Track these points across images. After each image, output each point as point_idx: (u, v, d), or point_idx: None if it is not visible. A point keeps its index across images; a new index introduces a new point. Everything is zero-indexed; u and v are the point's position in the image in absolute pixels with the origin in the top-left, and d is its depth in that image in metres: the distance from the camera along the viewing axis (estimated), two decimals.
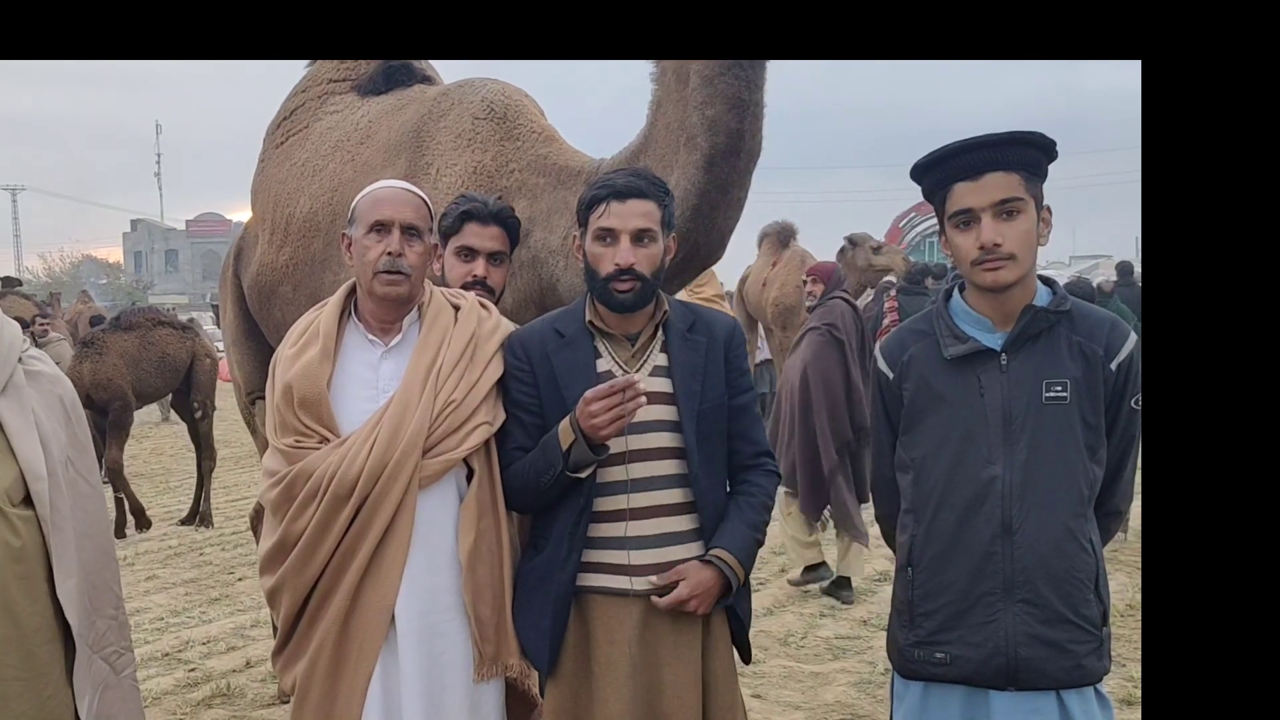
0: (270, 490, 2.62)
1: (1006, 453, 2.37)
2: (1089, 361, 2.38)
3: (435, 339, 2.64)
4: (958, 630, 2.39)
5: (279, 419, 2.64)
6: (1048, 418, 2.36)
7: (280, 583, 2.60)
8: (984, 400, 2.39)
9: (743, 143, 3.36)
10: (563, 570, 2.58)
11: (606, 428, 2.45)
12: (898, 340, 2.58)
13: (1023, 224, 2.35)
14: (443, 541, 2.59)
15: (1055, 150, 2.40)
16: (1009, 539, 2.35)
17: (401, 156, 4.10)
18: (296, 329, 2.74)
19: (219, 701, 5.21)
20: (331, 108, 4.76)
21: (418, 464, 2.53)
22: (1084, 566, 2.37)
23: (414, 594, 2.55)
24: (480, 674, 2.60)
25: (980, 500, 2.37)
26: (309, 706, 2.56)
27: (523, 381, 2.66)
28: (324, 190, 4.41)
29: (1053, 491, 2.35)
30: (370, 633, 2.53)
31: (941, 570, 2.42)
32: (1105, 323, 2.44)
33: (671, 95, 3.49)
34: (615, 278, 2.57)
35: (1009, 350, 2.40)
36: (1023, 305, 2.40)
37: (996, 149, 2.37)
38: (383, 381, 2.64)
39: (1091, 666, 2.37)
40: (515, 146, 3.90)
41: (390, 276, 2.61)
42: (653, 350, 2.66)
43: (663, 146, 3.52)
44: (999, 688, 2.37)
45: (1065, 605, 2.34)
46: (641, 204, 2.59)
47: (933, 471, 2.45)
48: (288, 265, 4.54)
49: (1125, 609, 6.27)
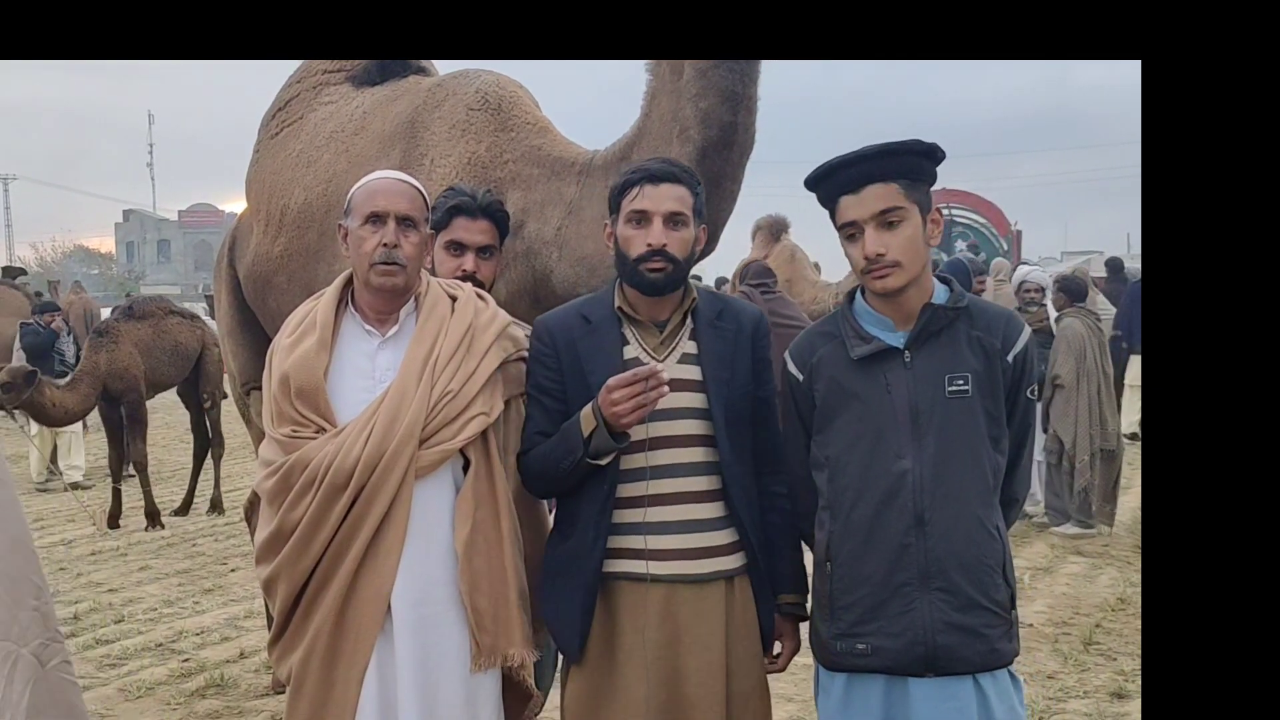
0: (266, 480, 2.62)
1: (915, 447, 2.43)
2: (988, 355, 2.46)
3: (432, 329, 2.64)
4: (877, 621, 2.45)
5: (276, 408, 2.64)
6: (952, 411, 2.44)
7: (276, 572, 2.60)
8: (891, 397, 2.46)
9: (736, 135, 3.37)
10: (589, 557, 2.59)
11: (628, 416, 2.45)
12: (806, 343, 2.64)
13: (905, 231, 2.43)
14: (439, 532, 2.59)
15: (938, 153, 2.47)
16: (922, 530, 2.41)
17: (396, 147, 4.10)
18: (294, 319, 2.74)
19: (212, 692, 5.22)
20: (326, 99, 4.76)
21: (414, 454, 2.53)
22: (993, 553, 2.44)
23: (410, 584, 2.55)
24: (477, 664, 2.60)
25: (893, 494, 2.43)
26: (304, 695, 2.56)
27: (547, 366, 2.67)
28: (318, 181, 4.41)
29: (962, 482, 2.42)
30: (366, 622, 2.53)
31: (859, 563, 2.47)
32: (1001, 318, 2.53)
33: (666, 87, 3.50)
34: (647, 258, 2.57)
35: (911, 348, 2.47)
36: (920, 304, 2.47)
37: (873, 162, 2.44)
38: (379, 372, 2.64)
39: (1004, 649, 2.45)
40: (510, 137, 3.91)
41: (386, 268, 2.61)
42: (681, 337, 2.66)
43: (656, 138, 3.53)
44: (918, 674, 2.43)
45: (978, 591, 2.41)
46: (675, 188, 2.60)
47: (847, 468, 2.50)
48: (282, 256, 4.54)
49: (1116, 603, 6.29)
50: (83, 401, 8.93)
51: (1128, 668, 5.26)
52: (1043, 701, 4.83)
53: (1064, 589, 6.67)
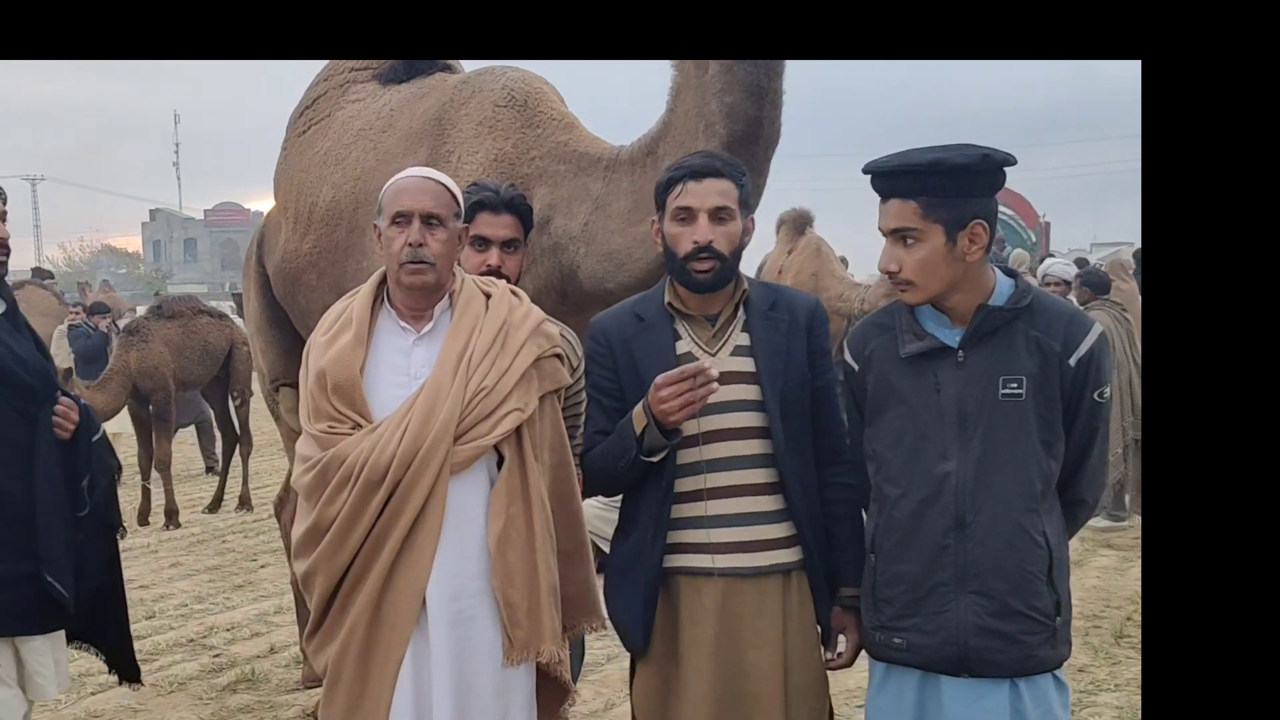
0: (303, 475, 2.64)
1: (960, 449, 2.39)
2: (1046, 357, 2.39)
3: (466, 326, 2.65)
4: (913, 618, 2.44)
5: (312, 405, 2.66)
6: (1002, 414, 2.38)
7: (314, 566, 2.62)
8: (940, 397, 2.42)
9: (761, 130, 3.37)
10: (650, 554, 2.61)
11: (677, 413, 2.45)
12: (861, 333, 2.61)
13: (919, 252, 2.36)
14: (473, 527, 2.60)
15: (973, 167, 2.34)
16: (962, 533, 2.38)
17: (423, 144, 4.11)
18: (330, 316, 2.76)
19: (243, 687, 5.26)
20: (353, 96, 4.78)
21: (449, 450, 2.54)
22: (1036, 560, 2.39)
23: (444, 579, 2.57)
24: (510, 659, 2.61)
25: (935, 495, 2.41)
26: (341, 689, 2.58)
27: (603, 366, 2.70)
28: (346, 179, 4.43)
29: (1005, 487, 2.38)
30: (402, 617, 2.55)
31: (898, 560, 2.46)
32: (1063, 318, 2.44)
33: (691, 82, 3.49)
34: (694, 256, 2.57)
35: (966, 347, 2.41)
36: (974, 306, 2.42)
37: (890, 178, 2.39)
38: (415, 368, 2.65)
39: (1044, 655, 2.41)
40: (536, 134, 3.91)
41: (414, 266, 2.62)
42: (733, 330, 2.66)
43: (682, 133, 3.53)
44: (952, 674, 2.41)
45: (1016, 598, 2.37)
46: (718, 183, 2.60)
47: (891, 465, 2.48)
48: (311, 253, 4.56)
49: None
50: (113, 400, 9.01)
51: None
52: (1074, 694, 4.78)
53: (1094, 582, 6.64)
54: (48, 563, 3.06)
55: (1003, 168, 2.41)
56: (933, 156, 2.34)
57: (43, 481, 3.08)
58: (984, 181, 2.38)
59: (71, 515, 3.15)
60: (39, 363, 3.15)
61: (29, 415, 3.10)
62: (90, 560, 3.25)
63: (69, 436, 3.15)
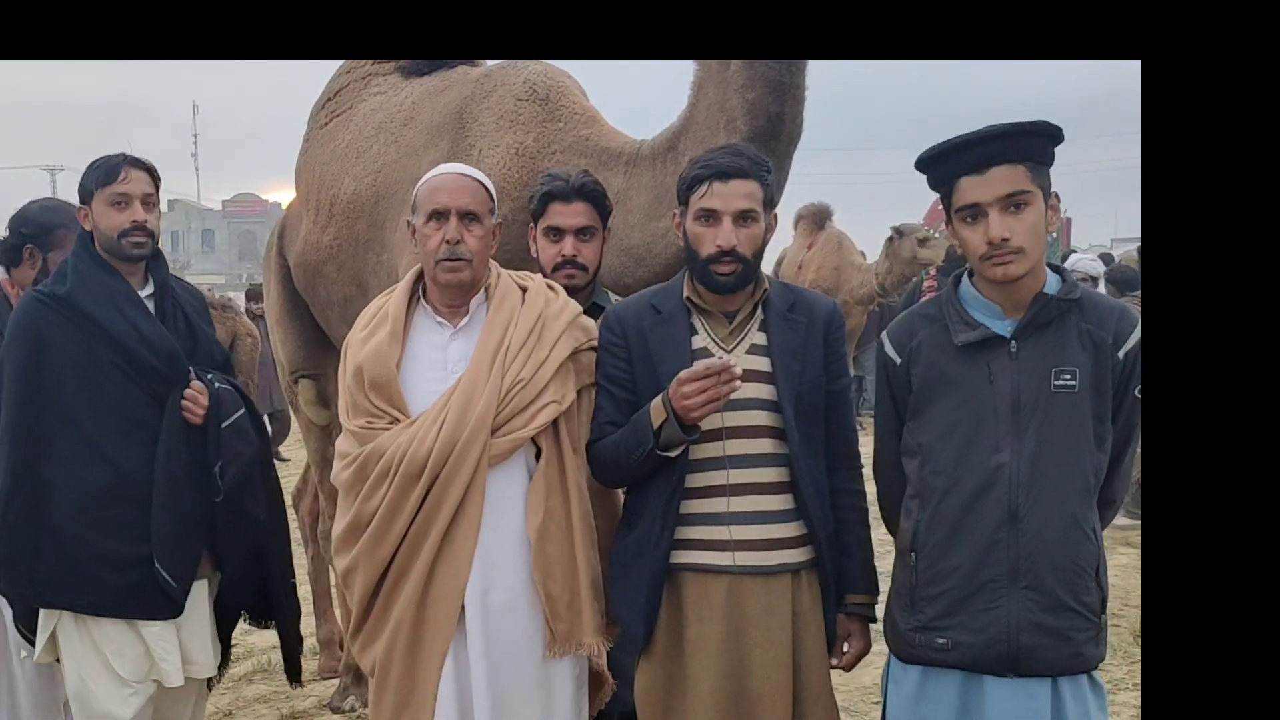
0: (343, 471, 2.66)
1: (1015, 440, 2.37)
2: (1098, 349, 2.38)
3: (503, 320, 2.66)
4: (960, 616, 2.41)
5: (350, 400, 2.68)
6: (1057, 406, 2.37)
7: (354, 562, 2.63)
8: (993, 387, 2.40)
9: (783, 126, 3.36)
10: (656, 547, 2.59)
11: (699, 410, 2.44)
12: (906, 325, 2.58)
13: (1030, 216, 2.35)
14: (512, 520, 2.61)
15: (1061, 135, 2.38)
16: (1015, 527, 2.36)
17: (444, 138, 4.11)
18: (367, 313, 2.78)
19: (260, 677, 5.29)
20: (375, 89, 4.78)
21: (486, 443, 2.56)
22: (1087, 555, 2.38)
23: (484, 572, 2.58)
24: (552, 651, 2.62)
25: (987, 487, 2.38)
26: (390, 686, 2.59)
27: (617, 356, 2.68)
28: (367, 172, 4.44)
29: (1060, 480, 2.36)
30: (445, 611, 2.56)
31: (945, 556, 2.43)
32: (1114, 311, 2.44)
33: (713, 77, 3.48)
34: (717, 259, 2.56)
35: (1019, 338, 2.40)
36: (1033, 293, 2.40)
37: (1001, 141, 2.36)
38: (451, 363, 2.67)
39: (1089, 653, 2.40)
40: (557, 128, 3.91)
41: (451, 264, 2.64)
42: (751, 328, 2.65)
43: (703, 128, 3.52)
44: (998, 674, 2.38)
45: (1068, 593, 2.36)
46: (744, 184, 2.58)
47: (940, 457, 2.45)
48: (332, 245, 4.57)
49: None
50: None
51: None
52: None
53: (1114, 580, 6.47)
54: (158, 549, 3.06)
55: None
56: (1036, 120, 2.36)
57: (163, 466, 3.08)
58: (1054, 154, 2.41)
59: (195, 502, 3.14)
60: (167, 344, 3.12)
61: (159, 397, 3.11)
62: (232, 548, 3.24)
63: (199, 421, 3.12)
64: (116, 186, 3.12)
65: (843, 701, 4.60)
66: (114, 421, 3.08)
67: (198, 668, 3.22)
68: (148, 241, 3.16)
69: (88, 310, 3.08)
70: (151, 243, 3.19)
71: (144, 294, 3.21)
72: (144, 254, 3.17)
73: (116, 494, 3.06)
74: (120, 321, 3.08)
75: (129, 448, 3.07)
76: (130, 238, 3.12)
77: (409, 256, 4.01)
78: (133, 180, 3.14)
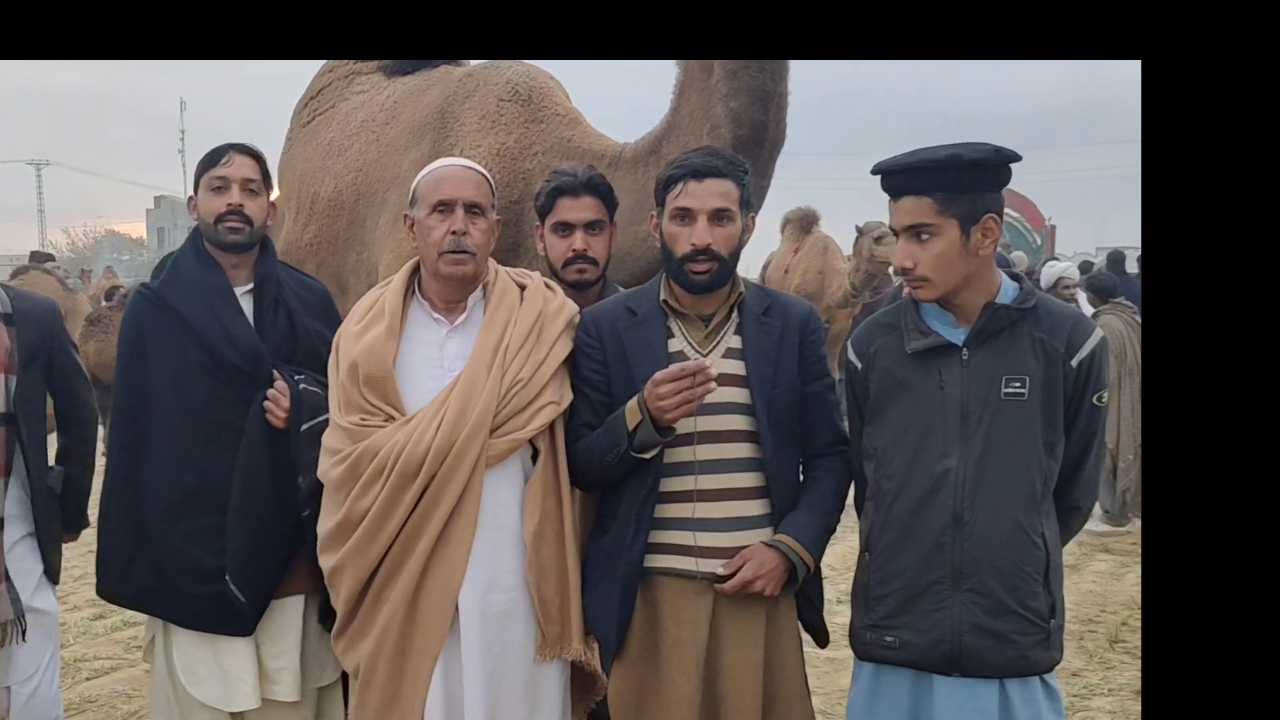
0: (333, 468, 2.61)
1: (962, 446, 2.41)
2: (1050, 358, 2.40)
3: (502, 318, 2.63)
4: (907, 616, 2.44)
5: (344, 396, 2.63)
6: (1005, 413, 2.39)
7: (343, 561, 2.59)
8: (944, 394, 2.43)
9: (766, 133, 3.36)
10: (630, 551, 2.58)
11: (674, 411, 2.44)
12: (866, 332, 2.62)
13: (935, 247, 2.38)
14: (508, 521, 2.59)
15: (992, 161, 2.37)
16: (960, 530, 2.39)
17: (426, 137, 4.11)
18: (361, 306, 2.74)
19: None
20: (358, 88, 4.78)
21: (484, 443, 2.53)
22: (1033, 560, 2.40)
23: (478, 574, 2.55)
24: (542, 655, 2.60)
25: (934, 491, 2.41)
26: (375, 688, 2.55)
27: (592, 359, 2.67)
28: (349, 170, 4.43)
29: (1005, 486, 2.39)
30: (437, 615, 2.53)
31: (895, 557, 2.46)
32: (1068, 320, 2.46)
33: (695, 83, 3.49)
34: (692, 258, 2.55)
35: (970, 345, 2.43)
36: (980, 304, 2.43)
37: (905, 175, 2.41)
38: (448, 360, 2.64)
39: (1036, 657, 2.41)
40: (539, 129, 3.91)
41: (456, 256, 2.60)
42: (726, 332, 2.64)
43: (686, 133, 3.52)
44: (944, 673, 2.41)
45: (1011, 597, 2.38)
46: (719, 183, 2.58)
47: (892, 461, 2.49)
48: (312, 243, 4.57)
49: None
50: None
51: None
52: (1067, 699, 4.78)
53: (1091, 586, 6.63)
54: (231, 562, 2.90)
55: (1009, 164, 2.43)
56: (948, 152, 2.37)
57: (241, 473, 2.92)
58: (994, 176, 2.41)
59: (276, 514, 2.92)
60: (251, 343, 2.97)
61: (246, 399, 2.96)
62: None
63: (281, 424, 2.92)
64: (217, 170, 3.00)
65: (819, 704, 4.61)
66: (202, 424, 2.96)
67: (282, 689, 3.01)
68: (245, 228, 2.99)
69: (176, 306, 2.98)
70: (250, 229, 3.01)
71: (244, 289, 3.06)
72: (241, 240, 3.00)
73: (200, 501, 2.94)
74: (207, 318, 2.96)
75: (215, 452, 2.94)
76: (226, 222, 2.98)
77: (390, 254, 4.00)
78: (235, 164, 3.01)
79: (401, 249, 3.88)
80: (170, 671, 3.04)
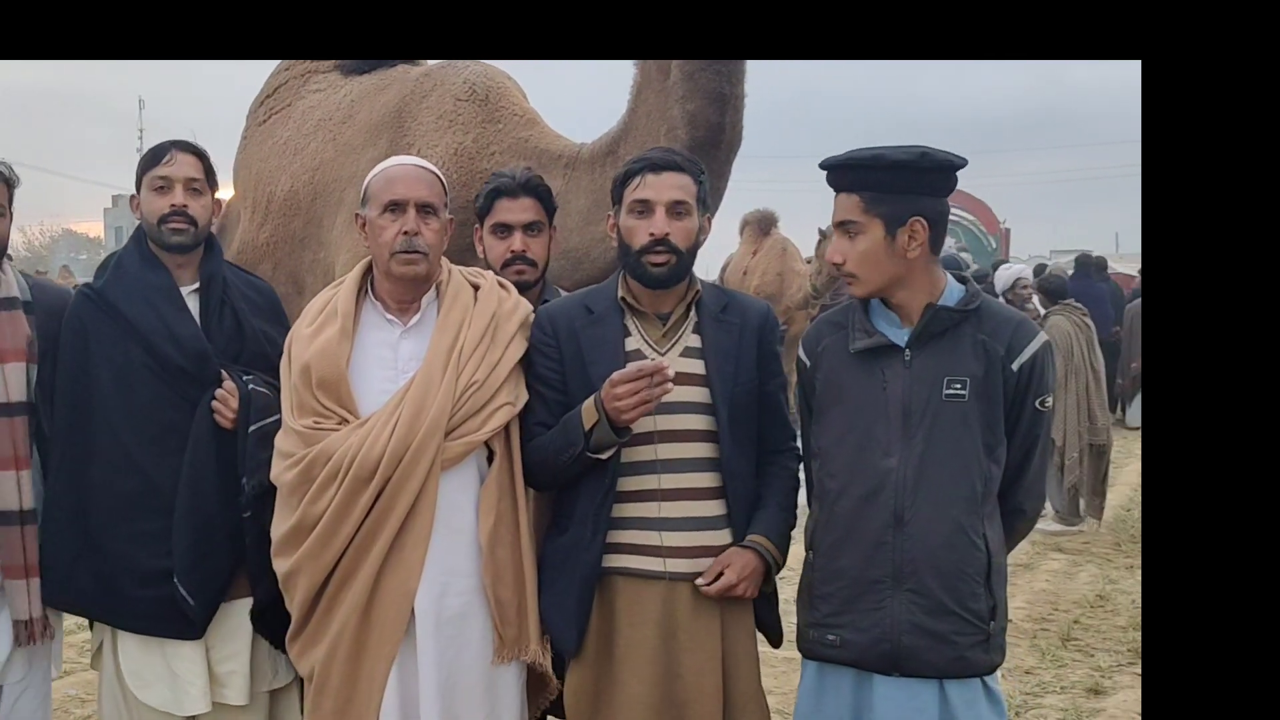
0: (286, 472, 2.58)
1: (903, 446, 2.42)
2: (990, 360, 2.43)
3: (456, 319, 2.62)
4: (849, 615, 2.45)
5: (297, 399, 2.60)
6: (946, 414, 2.42)
7: (297, 565, 2.56)
8: (886, 394, 2.45)
9: (723, 135, 3.38)
10: (588, 551, 2.57)
11: (631, 411, 2.43)
12: (817, 330, 2.64)
13: (860, 244, 2.43)
14: (463, 524, 2.58)
15: (916, 165, 2.40)
16: (900, 530, 2.41)
17: (383, 137, 4.10)
18: (313, 307, 2.71)
19: None
20: (314, 86, 4.75)
21: (440, 446, 2.51)
22: (973, 561, 2.42)
23: (434, 577, 2.54)
24: (500, 657, 2.59)
25: (876, 491, 2.43)
26: (329, 692, 2.53)
27: (548, 357, 2.65)
28: (305, 169, 4.41)
29: (945, 486, 2.41)
30: (392, 618, 2.51)
31: (838, 556, 2.48)
32: (1011, 323, 2.48)
33: (653, 84, 3.50)
34: (650, 249, 2.55)
35: (913, 346, 2.45)
36: (921, 305, 2.45)
37: (837, 172, 2.47)
38: (402, 362, 2.62)
39: (974, 658, 2.43)
40: (497, 129, 3.91)
41: (407, 256, 2.58)
42: (684, 330, 2.64)
43: (644, 134, 3.54)
44: (884, 672, 2.43)
45: (950, 598, 2.40)
46: (677, 177, 2.58)
47: (835, 460, 2.51)
48: (268, 243, 4.54)
49: (1095, 599, 6.33)
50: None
51: (1104, 664, 5.30)
52: (1019, 697, 4.86)
53: (1044, 585, 6.70)
54: (178, 564, 2.85)
55: (948, 169, 2.45)
56: (874, 152, 2.41)
57: (186, 474, 2.87)
58: (927, 180, 2.43)
59: (224, 515, 2.88)
60: (196, 343, 2.91)
61: (192, 400, 2.90)
62: (261, 568, 2.81)
63: (229, 425, 2.87)
64: (160, 169, 2.95)
65: (776, 704, 4.64)
66: (146, 426, 2.90)
67: (231, 693, 2.96)
68: (189, 229, 2.94)
69: (120, 306, 2.92)
70: (194, 230, 2.95)
71: (190, 289, 3.01)
72: (185, 241, 2.95)
73: (145, 505, 2.89)
74: (151, 318, 2.91)
75: (160, 455, 2.89)
76: (170, 223, 2.92)
77: (346, 254, 3.99)
78: (178, 163, 2.96)
79: (358, 249, 3.86)
80: (118, 677, 2.99)
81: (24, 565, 2.97)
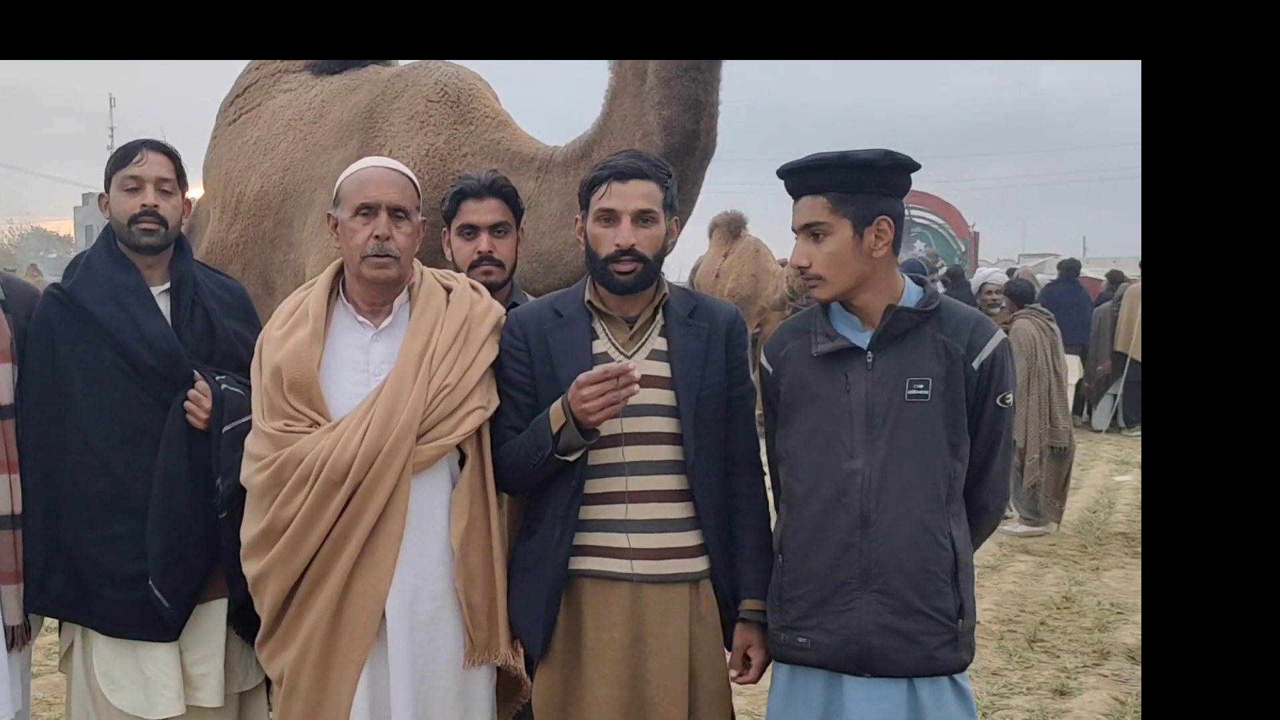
0: (256, 474, 2.57)
1: (868, 448, 2.45)
2: (952, 360, 2.46)
3: (428, 322, 2.61)
4: (818, 617, 2.47)
5: (267, 401, 2.59)
6: (909, 415, 2.44)
7: (267, 569, 2.55)
8: (849, 396, 2.47)
9: (697, 141, 3.39)
10: (556, 553, 2.58)
11: (598, 413, 2.44)
12: (779, 336, 2.67)
13: (828, 246, 2.45)
14: (435, 528, 2.57)
15: (879, 163, 2.43)
16: (866, 531, 2.43)
17: (354, 137, 4.09)
18: (284, 309, 2.70)
19: None
20: (285, 86, 4.73)
21: (412, 449, 2.51)
22: (940, 561, 2.44)
23: (406, 581, 2.53)
24: (471, 660, 2.59)
25: (842, 493, 2.45)
26: (298, 696, 2.52)
27: (518, 360, 2.66)
28: (275, 169, 4.39)
29: (910, 487, 2.43)
30: (363, 622, 2.50)
31: (806, 559, 2.50)
32: (970, 322, 2.51)
33: (629, 89, 3.51)
34: (615, 259, 2.56)
35: (875, 349, 2.48)
36: (882, 307, 2.48)
37: (801, 175, 2.49)
38: (374, 364, 2.61)
39: (944, 657, 2.45)
40: (468, 130, 3.91)
41: (379, 260, 2.58)
42: (651, 333, 2.65)
43: (618, 138, 3.54)
44: (854, 673, 2.45)
45: (918, 597, 2.42)
46: (643, 185, 2.59)
47: (801, 464, 2.53)
48: (238, 244, 4.51)
49: (1061, 601, 6.38)
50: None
51: (1070, 665, 5.34)
52: (986, 698, 4.89)
53: (1011, 587, 6.75)
54: (152, 566, 2.84)
55: (908, 169, 2.49)
56: (840, 152, 2.44)
57: (159, 476, 2.86)
58: (889, 180, 2.48)
59: (197, 517, 2.87)
60: (168, 344, 2.89)
61: (164, 401, 2.88)
62: (237, 568, 2.76)
63: (202, 425, 2.86)
64: (130, 169, 2.92)
65: (746, 706, 4.66)
66: (117, 428, 2.89)
67: (205, 695, 2.95)
68: (159, 229, 2.92)
69: (89, 307, 2.90)
70: (165, 231, 2.93)
71: (160, 289, 2.99)
72: (156, 242, 2.94)
73: (117, 507, 2.88)
74: (121, 319, 2.89)
75: (131, 457, 2.88)
76: (140, 224, 2.90)
77: (317, 255, 3.97)
78: (148, 163, 2.93)
79: (329, 250, 3.85)
80: (89, 680, 2.98)
81: (15, 571, 2.96)
